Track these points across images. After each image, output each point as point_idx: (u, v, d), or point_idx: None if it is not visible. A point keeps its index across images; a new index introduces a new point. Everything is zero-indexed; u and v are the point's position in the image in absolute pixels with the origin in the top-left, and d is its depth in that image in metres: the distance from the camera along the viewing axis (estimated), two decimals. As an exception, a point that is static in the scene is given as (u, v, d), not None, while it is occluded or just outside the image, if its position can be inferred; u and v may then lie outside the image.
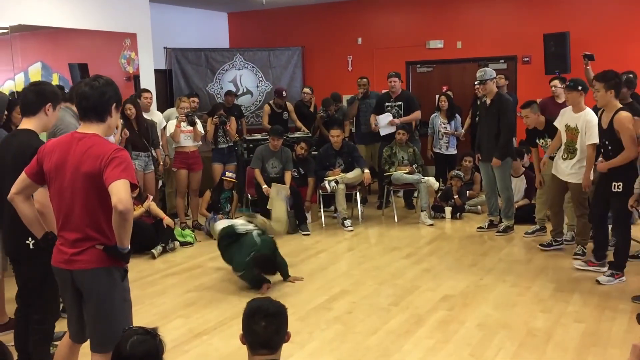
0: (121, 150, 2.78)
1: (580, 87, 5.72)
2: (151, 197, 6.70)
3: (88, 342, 2.99)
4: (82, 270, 2.80)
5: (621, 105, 5.09)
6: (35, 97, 3.42)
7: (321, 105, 8.89)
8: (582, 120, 5.63)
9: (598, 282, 5.12)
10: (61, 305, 3.70)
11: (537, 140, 6.35)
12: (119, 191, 2.62)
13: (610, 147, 5.08)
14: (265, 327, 2.31)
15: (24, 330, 3.60)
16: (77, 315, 2.96)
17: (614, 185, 4.99)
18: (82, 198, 2.77)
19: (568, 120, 5.80)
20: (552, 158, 6.13)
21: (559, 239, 6.22)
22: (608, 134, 5.07)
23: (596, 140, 5.42)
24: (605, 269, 5.27)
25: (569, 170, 5.80)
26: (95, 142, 2.79)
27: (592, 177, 5.56)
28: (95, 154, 2.74)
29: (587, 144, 5.56)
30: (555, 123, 6.04)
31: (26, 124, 3.44)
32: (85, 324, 2.94)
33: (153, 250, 6.33)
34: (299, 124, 9.09)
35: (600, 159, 5.34)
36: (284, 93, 9.19)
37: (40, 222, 3.08)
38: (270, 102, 9.35)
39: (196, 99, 8.29)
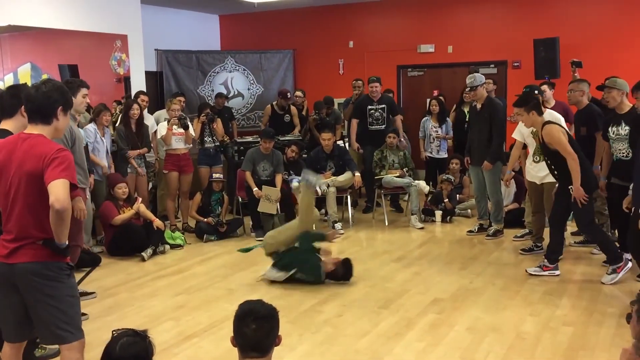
0: (64, 151, 2.84)
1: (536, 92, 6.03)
2: (140, 200, 6.67)
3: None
4: (23, 265, 2.82)
5: (546, 120, 5.29)
6: (11, 99, 3.48)
7: (314, 108, 8.89)
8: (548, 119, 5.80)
9: (603, 283, 5.17)
10: None
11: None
12: (57, 190, 2.69)
13: (553, 167, 5.31)
14: (255, 330, 2.30)
15: None
16: (13, 314, 2.93)
17: (570, 188, 5.15)
18: (25, 197, 2.83)
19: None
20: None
21: (539, 244, 6.27)
22: (546, 151, 5.27)
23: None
24: (557, 272, 5.42)
25: (541, 172, 5.93)
26: (39, 142, 2.84)
27: None
28: (37, 153, 2.80)
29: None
30: (515, 135, 6.28)
31: (4, 125, 3.49)
32: (28, 322, 2.92)
33: (143, 253, 6.30)
34: (297, 128, 9.05)
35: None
36: (288, 94, 9.16)
37: None
38: (274, 103, 9.29)
39: (183, 98, 8.29)
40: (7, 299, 2.92)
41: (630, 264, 5.14)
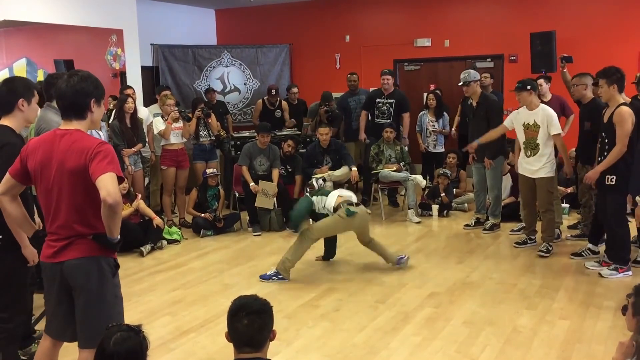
0: (105, 144, 2.78)
1: (529, 87, 5.92)
2: (140, 196, 6.66)
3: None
4: (72, 262, 2.78)
5: (624, 101, 5.16)
6: (7, 94, 3.41)
7: (322, 100, 8.76)
8: (542, 115, 5.84)
9: (600, 275, 5.18)
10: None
11: None
12: (107, 184, 2.63)
13: (607, 141, 5.17)
14: (247, 325, 2.30)
15: None
16: (64, 313, 2.91)
17: (607, 177, 5.06)
18: (69, 194, 2.77)
19: (525, 119, 5.98)
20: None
21: (532, 237, 6.29)
22: (607, 127, 5.15)
23: (559, 130, 5.76)
24: (631, 272, 5.19)
25: (534, 166, 5.94)
26: (78, 138, 2.78)
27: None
28: (79, 149, 2.73)
29: (552, 134, 5.78)
30: (506, 123, 6.27)
31: (4, 121, 3.43)
32: (75, 321, 2.89)
33: (142, 248, 6.30)
34: (290, 123, 9.04)
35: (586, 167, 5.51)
36: (273, 91, 9.14)
37: (29, 220, 3.06)
38: (265, 98, 9.29)
39: (169, 92, 8.23)
40: (60, 297, 2.88)
41: (631, 272, 5.10)
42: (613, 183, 5.03)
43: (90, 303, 2.82)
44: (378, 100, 8.27)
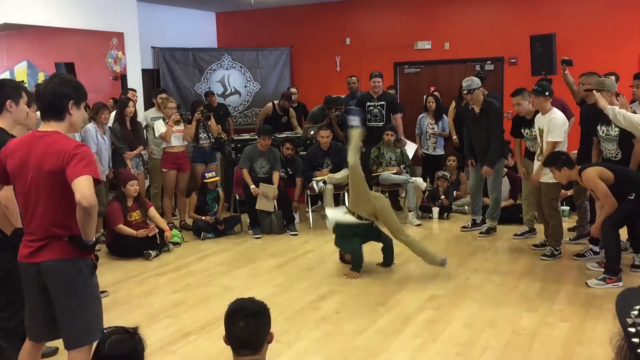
0: (82, 146, 2.80)
1: (547, 93, 5.89)
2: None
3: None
4: (48, 263, 2.80)
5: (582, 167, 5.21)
6: None
7: (334, 103, 8.67)
8: (546, 120, 5.82)
9: (587, 284, 5.10)
10: None
11: (522, 130, 6.41)
12: (82, 187, 2.65)
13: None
14: (243, 328, 2.30)
15: None
16: (43, 314, 2.93)
17: (628, 195, 5.08)
18: (46, 196, 2.80)
19: (538, 123, 6.00)
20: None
21: (558, 248, 6.18)
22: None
23: (558, 138, 5.68)
24: (621, 283, 5.07)
25: (542, 171, 5.91)
26: (56, 140, 2.80)
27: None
28: (56, 151, 2.76)
29: (547, 141, 5.76)
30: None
31: None
32: (54, 321, 2.90)
33: (151, 251, 6.29)
34: (299, 130, 9.00)
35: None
36: (293, 97, 9.13)
37: (8, 218, 3.10)
38: (275, 102, 9.21)
39: (165, 95, 8.23)
40: (37, 299, 2.91)
41: (621, 284, 5.02)
42: (632, 198, 5.06)
43: (69, 304, 2.85)
44: (368, 103, 8.23)
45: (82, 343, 2.87)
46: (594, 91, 5.27)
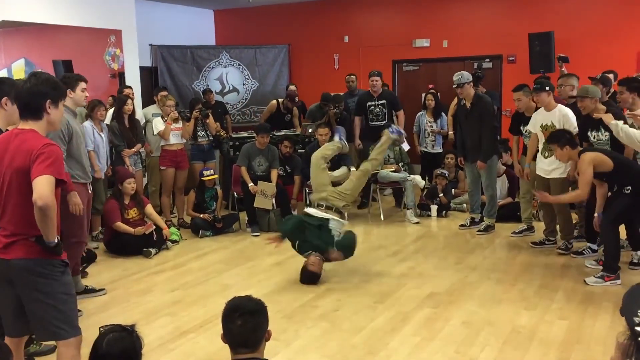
0: (50, 145, 2.80)
1: (547, 88, 5.88)
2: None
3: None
4: (16, 262, 2.81)
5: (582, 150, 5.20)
6: None
7: (333, 101, 8.59)
8: (558, 116, 5.78)
9: (585, 282, 5.10)
10: None
11: (521, 128, 6.41)
12: (40, 187, 2.66)
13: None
14: (241, 326, 2.30)
15: None
16: (14, 308, 2.92)
17: (624, 188, 5.05)
18: (15, 193, 2.81)
19: (543, 119, 5.94)
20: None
21: (552, 238, 6.24)
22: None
23: (576, 130, 5.60)
24: (619, 281, 5.08)
25: (550, 167, 5.89)
26: (27, 138, 2.82)
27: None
28: (25, 149, 2.77)
29: None
30: (530, 127, 6.18)
31: None
32: (24, 315, 2.90)
33: (151, 249, 6.29)
34: (300, 129, 8.98)
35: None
36: (296, 99, 9.14)
37: None
38: (280, 100, 9.21)
39: (165, 92, 8.21)
40: (4, 293, 2.92)
41: (619, 282, 5.03)
42: (628, 192, 5.03)
43: (38, 303, 2.85)
44: (369, 103, 8.22)
45: (59, 336, 2.88)
46: (599, 108, 5.24)
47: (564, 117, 5.75)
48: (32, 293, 2.84)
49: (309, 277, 5.26)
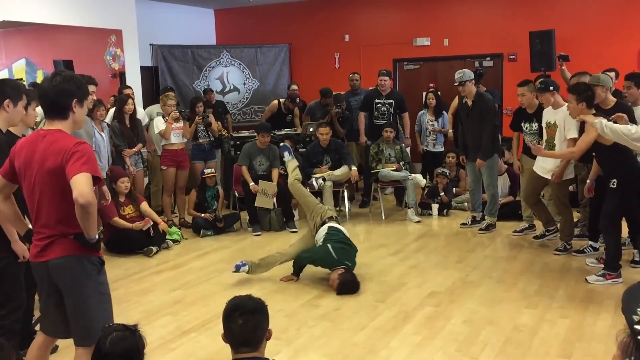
0: (82, 144, 2.79)
1: (552, 87, 5.87)
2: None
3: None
4: (55, 261, 2.82)
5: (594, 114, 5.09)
6: None
7: (335, 100, 8.59)
8: (562, 115, 5.72)
9: (587, 280, 5.09)
10: None
11: (522, 124, 6.40)
12: (80, 184, 2.65)
13: (594, 154, 5.17)
14: (242, 325, 2.30)
15: None
16: (55, 311, 2.95)
17: (610, 182, 5.01)
18: (49, 194, 2.81)
19: (548, 117, 5.93)
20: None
21: (551, 228, 6.26)
22: (596, 145, 5.08)
23: (575, 135, 5.50)
24: (621, 279, 5.07)
25: (549, 165, 5.87)
26: (58, 138, 2.81)
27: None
28: (57, 149, 2.76)
29: (567, 138, 5.64)
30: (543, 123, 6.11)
31: None
32: (66, 318, 2.92)
33: (152, 247, 6.31)
34: (300, 129, 8.98)
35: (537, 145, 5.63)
36: (297, 99, 9.15)
37: (22, 219, 3.10)
38: (281, 100, 9.21)
39: (173, 93, 8.21)
40: (48, 296, 2.93)
41: (620, 280, 5.01)
42: (615, 186, 5.01)
43: (76, 302, 2.86)
44: (377, 101, 8.23)
45: (90, 343, 2.82)
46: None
47: (567, 117, 5.68)
48: (70, 291, 2.84)
49: (356, 285, 5.06)
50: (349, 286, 4.98)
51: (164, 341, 4.13)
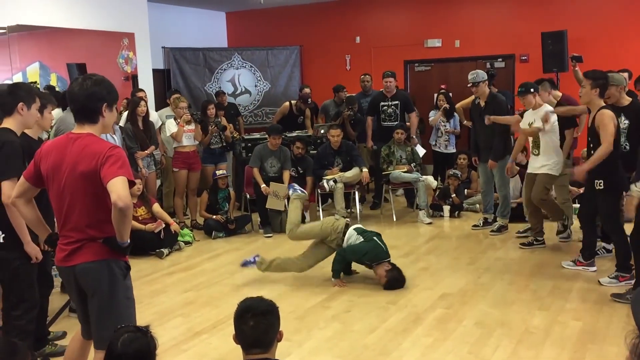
0: (116, 148, 2.79)
1: (532, 90, 6.03)
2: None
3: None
4: (82, 265, 2.81)
5: (604, 104, 5.08)
6: (8, 97, 3.51)
7: (347, 103, 8.61)
8: (540, 114, 5.93)
9: (600, 283, 5.06)
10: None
11: (528, 125, 6.38)
12: (118, 188, 2.64)
13: (592, 146, 5.12)
14: (253, 327, 2.31)
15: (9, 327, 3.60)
16: (83, 313, 2.97)
17: (596, 182, 4.99)
18: (81, 198, 2.79)
19: (529, 119, 6.08)
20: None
21: (540, 239, 6.25)
22: (591, 132, 5.10)
23: (551, 127, 5.91)
24: (593, 268, 5.31)
25: (538, 164, 6.03)
26: (90, 142, 2.80)
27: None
28: (90, 153, 2.75)
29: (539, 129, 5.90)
30: (522, 124, 6.24)
31: (5, 123, 3.53)
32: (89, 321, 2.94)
33: (163, 250, 6.35)
34: (311, 131, 9.00)
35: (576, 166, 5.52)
36: (309, 100, 9.18)
37: (44, 223, 3.10)
38: (293, 102, 9.23)
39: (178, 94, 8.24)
40: (78, 299, 2.95)
41: (633, 281, 4.93)
42: (602, 187, 4.98)
43: (101, 306, 2.85)
44: (382, 103, 8.19)
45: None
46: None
47: (545, 114, 5.89)
48: (96, 296, 2.84)
49: (403, 282, 5.18)
50: (398, 285, 5.13)
51: (175, 342, 4.15)
